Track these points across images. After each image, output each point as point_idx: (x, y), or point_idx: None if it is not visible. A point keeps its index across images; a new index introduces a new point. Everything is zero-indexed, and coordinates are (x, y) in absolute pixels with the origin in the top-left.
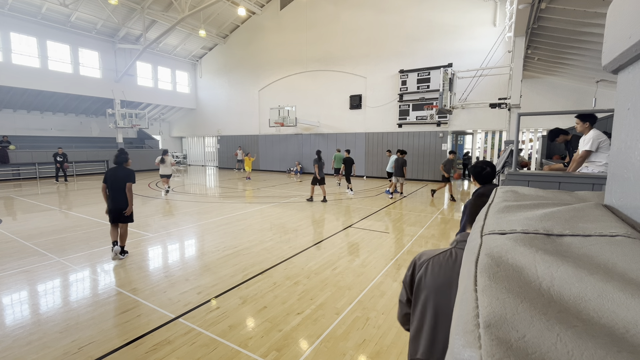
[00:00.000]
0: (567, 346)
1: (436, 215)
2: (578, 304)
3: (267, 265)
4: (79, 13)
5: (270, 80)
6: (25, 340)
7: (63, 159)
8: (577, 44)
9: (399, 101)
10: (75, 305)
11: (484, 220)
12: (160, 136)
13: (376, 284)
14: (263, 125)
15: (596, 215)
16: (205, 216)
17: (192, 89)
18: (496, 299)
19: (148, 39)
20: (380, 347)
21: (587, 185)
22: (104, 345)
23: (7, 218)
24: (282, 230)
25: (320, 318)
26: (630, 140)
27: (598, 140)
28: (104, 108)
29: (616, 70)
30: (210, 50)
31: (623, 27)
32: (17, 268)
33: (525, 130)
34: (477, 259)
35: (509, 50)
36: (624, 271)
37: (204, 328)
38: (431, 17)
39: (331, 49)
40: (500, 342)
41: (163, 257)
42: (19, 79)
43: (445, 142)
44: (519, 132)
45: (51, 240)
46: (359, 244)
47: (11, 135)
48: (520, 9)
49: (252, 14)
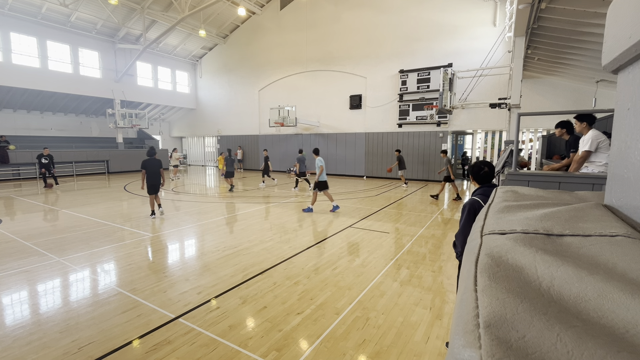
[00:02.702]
0: (567, 346)
1: (436, 215)
2: (578, 304)
3: (267, 265)
4: (79, 13)
5: (270, 80)
6: (25, 340)
7: (49, 161)
8: (577, 44)
9: (399, 101)
10: (75, 305)
11: (484, 220)
12: (160, 136)
13: (376, 284)
14: (263, 125)
15: (596, 215)
16: (205, 216)
17: (192, 89)
18: (496, 299)
19: (148, 39)
20: (380, 347)
21: (587, 185)
22: (104, 345)
23: (7, 218)
24: (282, 230)
25: (320, 318)
26: (630, 140)
27: (597, 140)
28: (104, 108)
29: (616, 70)
30: (210, 50)
31: (623, 27)
32: (17, 268)
33: (525, 130)
34: (477, 259)
35: (509, 50)
36: (624, 271)
37: (204, 328)
38: (431, 17)
39: (331, 49)
40: (500, 342)
41: (163, 257)
42: (19, 79)
43: (445, 142)
44: (519, 132)
45: (51, 240)
46: (359, 244)
47: (11, 135)
48: (520, 9)
49: (252, 14)
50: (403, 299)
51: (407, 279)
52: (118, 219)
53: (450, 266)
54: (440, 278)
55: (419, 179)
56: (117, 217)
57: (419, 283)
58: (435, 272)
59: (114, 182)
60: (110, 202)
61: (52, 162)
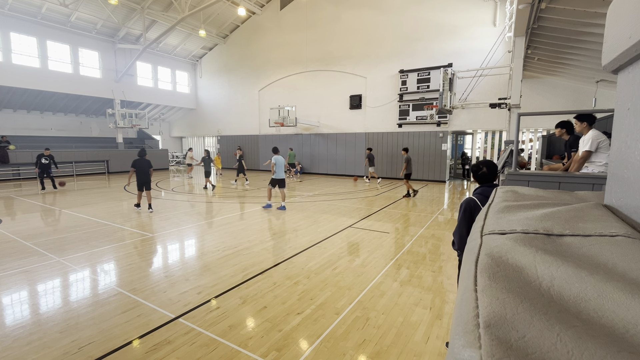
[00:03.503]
0: (567, 346)
1: (436, 215)
2: (578, 304)
3: (267, 265)
4: (79, 13)
5: (270, 80)
6: (25, 340)
7: (49, 162)
8: (577, 44)
9: (399, 101)
10: (75, 305)
11: (484, 220)
12: (160, 136)
13: (376, 284)
14: (263, 125)
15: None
16: (205, 216)
17: (192, 89)
18: (496, 299)
19: (148, 39)
20: (380, 347)
21: (587, 185)
22: (104, 345)
23: (7, 218)
24: (282, 230)
25: (320, 318)
26: (630, 140)
27: (597, 140)
28: (104, 108)
29: (616, 70)
30: (210, 50)
31: (623, 27)
32: (17, 268)
33: (525, 130)
34: (477, 259)
35: (509, 50)
36: (624, 271)
37: (204, 328)
38: (431, 17)
39: (331, 49)
40: (500, 342)
41: (163, 257)
42: (19, 79)
43: (445, 142)
44: (519, 132)
45: (51, 240)
46: (359, 244)
47: (11, 135)
48: (520, 9)
49: (252, 14)
50: (403, 299)
51: (407, 279)
52: (118, 219)
53: (450, 266)
54: (440, 278)
55: (419, 179)
56: (117, 217)
57: (419, 283)
58: (435, 272)
59: (114, 182)
60: (111, 202)
61: (54, 163)
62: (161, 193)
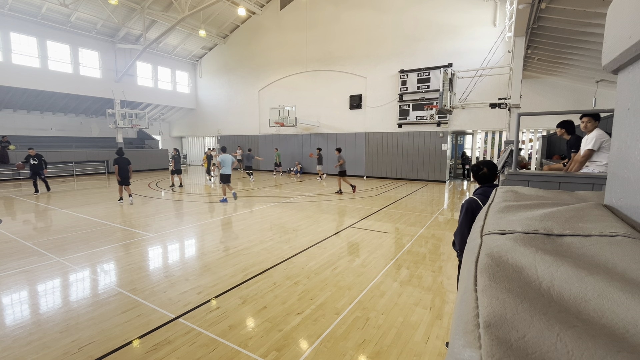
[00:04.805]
0: (567, 346)
1: (436, 215)
2: (578, 304)
3: (267, 265)
4: (79, 13)
5: (270, 80)
6: (25, 340)
7: (38, 162)
8: (577, 44)
9: (399, 101)
10: (75, 305)
11: (484, 220)
12: (160, 136)
13: (376, 284)
14: (263, 125)
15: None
16: (205, 216)
17: (192, 89)
18: (496, 299)
19: (148, 39)
20: (380, 347)
21: (587, 185)
22: (104, 345)
23: (7, 218)
24: (282, 230)
25: (320, 318)
26: (630, 140)
27: (601, 139)
28: (104, 108)
29: (616, 70)
30: (210, 50)
31: (623, 27)
32: (17, 268)
33: (525, 130)
34: (477, 259)
35: (509, 50)
36: (624, 271)
37: (204, 328)
38: (431, 17)
39: (331, 49)
40: (500, 342)
41: (163, 257)
42: (19, 79)
43: (445, 142)
44: (519, 132)
45: (51, 240)
46: (359, 244)
47: (11, 135)
48: (520, 9)
49: (252, 14)
50: (403, 299)
51: (407, 279)
52: (118, 219)
53: (450, 266)
54: (440, 278)
55: (420, 179)
56: (117, 217)
57: (419, 283)
58: (435, 272)
59: (114, 182)
60: (110, 202)
61: (44, 163)
62: (161, 193)
